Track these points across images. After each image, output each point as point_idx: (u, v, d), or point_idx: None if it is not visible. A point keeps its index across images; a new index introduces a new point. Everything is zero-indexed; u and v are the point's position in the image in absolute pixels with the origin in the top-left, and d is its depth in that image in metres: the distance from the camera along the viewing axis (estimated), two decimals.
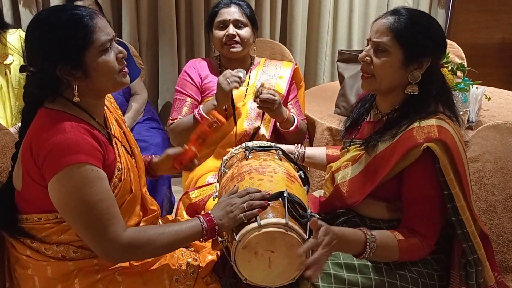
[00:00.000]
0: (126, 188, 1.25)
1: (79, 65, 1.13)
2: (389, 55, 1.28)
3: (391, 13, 1.31)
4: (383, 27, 1.29)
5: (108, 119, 1.31)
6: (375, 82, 1.32)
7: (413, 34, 1.27)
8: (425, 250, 1.26)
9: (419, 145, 1.20)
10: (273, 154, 1.45)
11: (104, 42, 1.15)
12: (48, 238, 1.21)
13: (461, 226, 1.23)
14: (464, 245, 1.24)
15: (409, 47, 1.27)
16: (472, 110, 2.17)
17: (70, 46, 1.11)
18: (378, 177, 1.28)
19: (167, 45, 3.05)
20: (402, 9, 1.31)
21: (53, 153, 1.08)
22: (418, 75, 1.28)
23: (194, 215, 1.58)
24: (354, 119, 1.50)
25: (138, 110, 2.50)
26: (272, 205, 1.19)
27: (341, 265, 1.28)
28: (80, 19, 1.13)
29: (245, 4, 1.95)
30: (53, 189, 1.11)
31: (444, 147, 1.19)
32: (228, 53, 1.91)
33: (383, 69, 1.29)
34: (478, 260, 1.25)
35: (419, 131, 1.22)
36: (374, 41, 1.30)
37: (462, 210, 1.21)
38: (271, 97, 1.74)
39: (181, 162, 1.47)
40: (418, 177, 1.25)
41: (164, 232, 1.18)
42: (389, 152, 1.27)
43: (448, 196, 1.21)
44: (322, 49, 3.42)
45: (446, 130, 1.22)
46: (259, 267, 1.18)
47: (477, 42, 3.63)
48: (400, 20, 1.27)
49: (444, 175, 1.20)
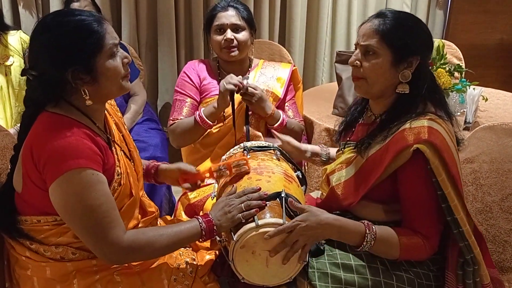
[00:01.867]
0: (125, 192, 1.26)
1: (89, 70, 1.14)
2: (378, 56, 1.29)
3: (375, 16, 1.33)
4: (370, 30, 1.30)
5: (108, 124, 1.32)
6: (367, 85, 1.33)
7: (399, 34, 1.28)
8: (427, 251, 1.27)
9: (409, 146, 1.21)
10: (271, 154, 1.46)
11: (112, 46, 1.17)
12: (47, 240, 1.21)
13: (456, 225, 1.24)
14: (461, 245, 1.25)
15: (397, 47, 1.28)
16: (469, 111, 2.18)
17: (82, 50, 1.13)
18: (371, 179, 1.29)
19: (166, 46, 3.06)
20: (387, 11, 1.33)
21: (54, 157, 1.09)
22: (408, 74, 1.29)
23: (192, 216, 1.60)
24: (348, 121, 1.51)
25: (137, 111, 2.51)
26: (270, 205, 1.21)
27: (338, 265, 1.29)
28: (90, 24, 1.14)
29: (242, 6, 1.95)
30: (54, 193, 1.11)
31: (433, 148, 1.20)
32: (227, 57, 1.93)
33: (374, 71, 1.30)
34: (475, 259, 1.26)
35: (410, 132, 1.23)
36: (362, 44, 1.31)
37: (455, 210, 1.22)
38: (251, 90, 1.76)
39: (186, 179, 1.47)
40: (411, 178, 1.25)
41: (163, 234, 1.19)
42: (381, 154, 1.27)
43: (441, 196, 1.22)
44: (321, 50, 3.43)
45: (436, 131, 1.23)
46: (256, 267, 1.19)
47: (475, 43, 3.64)
48: (385, 22, 1.29)
49: (436, 176, 1.21)
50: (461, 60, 2.81)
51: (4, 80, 2.31)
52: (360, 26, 1.36)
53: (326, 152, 1.66)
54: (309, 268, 1.27)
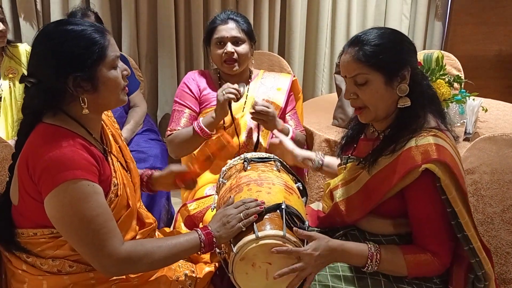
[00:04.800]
0: (122, 203, 1.25)
1: (90, 78, 1.14)
2: (371, 82, 1.27)
3: (349, 45, 1.30)
4: (351, 62, 1.27)
5: (104, 134, 1.32)
6: (371, 112, 1.31)
7: (382, 53, 1.25)
8: (438, 267, 1.25)
9: (417, 167, 1.20)
10: (271, 166, 1.45)
11: (114, 58, 1.18)
12: (43, 253, 1.20)
13: (467, 242, 1.22)
14: (472, 261, 1.23)
15: (384, 66, 1.26)
16: (469, 122, 2.17)
17: (85, 58, 1.13)
18: (377, 196, 1.27)
19: (166, 58, 3.08)
20: (360, 35, 1.29)
21: (49, 169, 1.08)
22: (405, 87, 1.27)
23: (192, 227, 1.59)
24: (349, 136, 1.50)
25: (137, 122, 2.51)
26: (270, 217, 1.20)
27: (339, 277, 1.28)
28: (93, 33, 1.15)
29: (242, 19, 1.96)
30: (49, 205, 1.10)
31: (444, 166, 1.19)
32: (228, 71, 1.94)
33: (372, 97, 1.28)
34: (486, 275, 1.24)
35: (417, 151, 1.22)
36: (350, 77, 1.29)
37: (466, 226, 1.21)
38: (264, 109, 1.76)
39: (182, 179, 1.47)
40: (419, 197, 1.24)
41: (161, 245, 1.18)
42: (388, 172, 1.26)
43: (452, 213, 1.20)
44: (320, 61, 3.45)
45: (443, 149, 1.22)
46: (256, 279, 1.17)
47: (474, 54, 3.66)
48: (362, 47, 1.26)
49: (446, 194, 1.19)
50: (460, 71, 2.82)
51: (8, 91, 2.32)
52: (339, 58, 1.34)
53: (319, 159, 1.63)
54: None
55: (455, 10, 3.59)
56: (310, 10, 3.37)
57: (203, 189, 1.89)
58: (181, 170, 1.47)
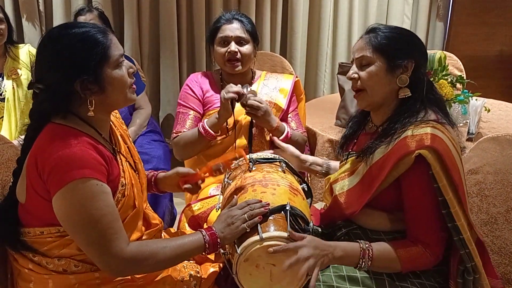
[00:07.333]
0: (129, 203, 1.26)
1: (96, 79, 1.15)
2: (373, 65, 1.33)
3: (367, 32, 1.38)
4: (362, 44, 1.36)
5: (113, 135, 1.32)
6: (368, 96, 1.36)
7: (390, 41, 1.33)
8: (429, 258, 1.26)
9: (411, 153, 1.22)
10: (276, 167, 1.45)
11: (118, 57, 1.19)
12: (50, 252, 1.21)
13: (457, 232, 1.23)
14: (461, 252, 1.24)
15: (389, 53, 1.32)
16: (472, 122, 2.18)
17: (89, 60, 1.14)
18: (373, 186, 1.29)
19: (168, 58, 3.08)
20: (377, 25, 1.39)
21: (58, 167, 1.09)
22: (405, 78, 1.32)
23: (196, 228, 1.59)
24: (348, 134, 1.53)
25: (141, 124, 2.52)
26: (274, 218, 1.20)
27: (344, 277, 1.28)
28: (95, 35, 1.16)
29: (247, 19, 1.96)
30: (57, 203, 1.11)
31: (435, 154, 1.21)
32: (230, 70, 1.94)
33: (370, 79, 1.33)
34: (476, 268, 1.26)
35: (412, 139, 1.24)
36: (357, 57, 1.37)
37: (456, 216, 1.22)
38: (255, 103, 1.76)
39: (187, 182, 1.47)
40: (413, 184, 1.26)
41: (166, 246, 1.18)
42: (384, 161, 1.28)
43: (442, 202, 1.22)
44: (322, 61, 3.45)
45: (439, 139, 1.23)
46: (260, 280, 1.17)
47: (476, 54, 3.67)
48: (376, 34, 1.34)
49: (437, 182, 1.21)
50: (462, 71, 2.82)
51: (11, 92, 2.33)
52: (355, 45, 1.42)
53: (326, 164, 1.68)
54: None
55: (457, 10, 3.59)
56: (312, 10, 3.37)
57: (208, 189, 1.89)
58: (187, 172, 1.48)
